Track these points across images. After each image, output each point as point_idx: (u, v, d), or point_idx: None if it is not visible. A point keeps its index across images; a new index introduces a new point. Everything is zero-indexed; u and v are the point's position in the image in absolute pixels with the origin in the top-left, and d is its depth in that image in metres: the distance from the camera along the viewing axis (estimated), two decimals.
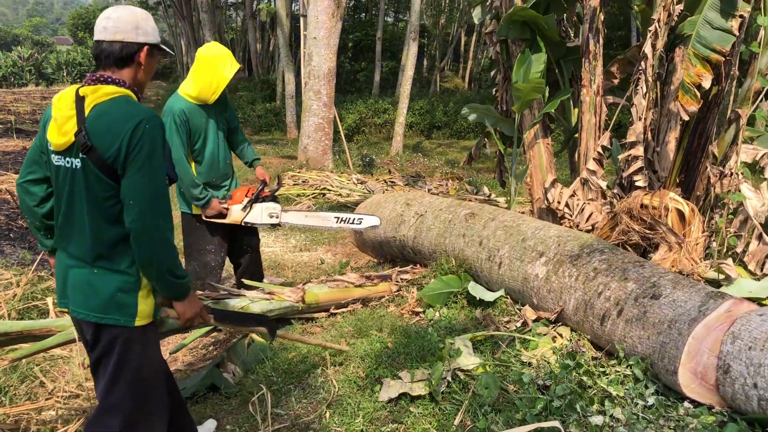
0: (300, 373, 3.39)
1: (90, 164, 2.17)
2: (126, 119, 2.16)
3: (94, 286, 2.26)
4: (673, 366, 2.78)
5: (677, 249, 4.09)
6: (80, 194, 2.24)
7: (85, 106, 2.21)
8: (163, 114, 4.10)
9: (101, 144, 2.15)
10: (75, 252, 2.30)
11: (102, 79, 2.25)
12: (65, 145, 2.22)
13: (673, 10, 4.55)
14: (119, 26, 2.27)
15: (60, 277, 2.37)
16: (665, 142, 4.95)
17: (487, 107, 6.01)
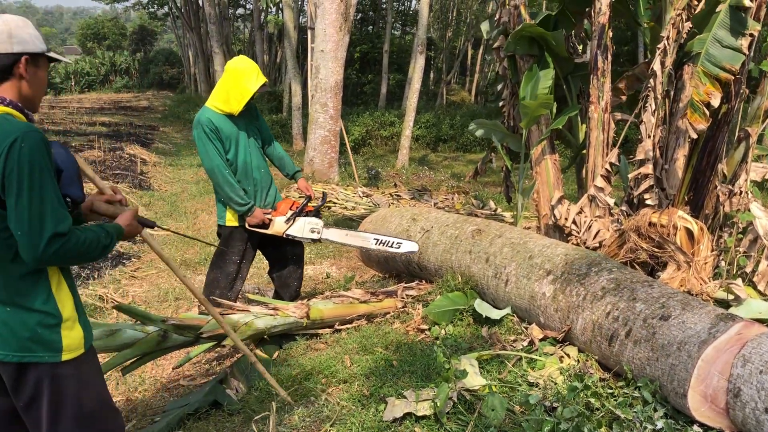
0: (304, 391, 3.36)
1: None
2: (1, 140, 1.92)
3: (7, 324, 2.05)
4: (682, 389, 2.73)
5: (686, 268, 4.05)
6: None
7: None
8: (194, 127, 4.19)
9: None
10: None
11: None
12: None
13: (682, 28, 4.54)
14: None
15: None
16: (674, 160, 4.93)
17: (495, 123, 5.99)
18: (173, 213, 9.54)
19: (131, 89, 45.69)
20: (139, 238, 2.75)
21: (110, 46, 53.86)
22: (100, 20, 57.25)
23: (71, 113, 24.80)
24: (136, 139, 17.79)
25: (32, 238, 1.93)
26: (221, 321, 2.83)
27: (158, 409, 3.64)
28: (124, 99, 36.50)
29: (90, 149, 14.42)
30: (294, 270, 4.70)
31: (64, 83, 47.37)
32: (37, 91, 2.17)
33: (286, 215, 4.33)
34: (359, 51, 30.02)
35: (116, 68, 49.27)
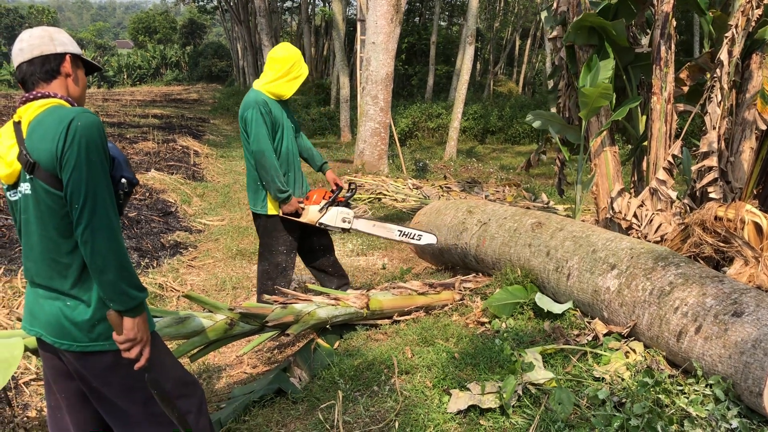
0: (366, 381, 3.39)
1: (39, 183, 2.06)
2: (58, 122, 2.04)
3: (69, 317, 2.14)
4: (758, 388, 2.67)
5: (754, 264, 3.94)
6: (36, 221, 2.12)
7: (22, 129, 2.12)
8: (247, 107, 4.21)
9: (41, 156, 2.04)
10: (40, 281, 2.19)
11: (31, 98, 2.16)
12: (14, 176, 2.14)
13: (752, 15, 4.40)
14: (34, 43, 2.18)
15: (29, 306, 2.26)
16: (740, 152, 4.80)
17: (552, 114, 5.92)
18: (226, 203, 9.71)
19: (181, 82, 46.59)
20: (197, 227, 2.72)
21: (161, 40, 54.96)
22: (151, 14, 58.49)
23: (124, 105, 25.41)
24: (187, 131, 18.14)
25: (87, 206, 2.01)
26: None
27: (223, 395, 3.72)
28: (175, 91, 37.25)
29: (144, 141, 14.77)
30: (327, 259, 4.78)
31: (117, 76, 48.58)
32: (81, 89, 2.31)
33: (319, 204, 4.38)
34: (406, 42, 29.97)
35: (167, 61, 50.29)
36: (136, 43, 57.65)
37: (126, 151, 13.48)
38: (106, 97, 30.49)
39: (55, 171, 2.03)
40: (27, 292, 2.28)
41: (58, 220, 2.08)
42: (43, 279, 2.17)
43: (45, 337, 2.19)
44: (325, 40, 34.08)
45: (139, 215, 8.03)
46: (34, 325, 2.22)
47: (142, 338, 2.15)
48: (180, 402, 2.32)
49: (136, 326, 2.12)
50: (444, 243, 5.20)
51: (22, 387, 3.62)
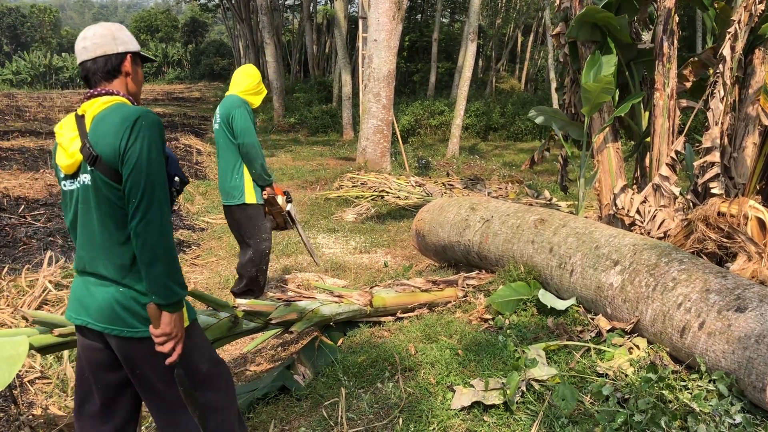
0: (370, 377, 3.40)
1: (99, 175, 2.15)
2: (123, 120, 2.14)
3: (122, 304, 2.21)
4: (761, 383, 2.67)
5: (757, 259, 3.93)
6: (93, 211, 2.21)
7: (85, 123, 2.22)
8: (233, 106, 4.66)
9: (104, 150, 2.14)
10: (94, 270, 2.25)
11: (96, 94, 2.27)
12: (74, 166, 2.22)
13: (755, 11, 4.39)
14: (97, 42, 2.28)
15: (75, 294, 2.33)
16: (742, 148, 4.79)
17: (555, 110, 5.91)
18: None
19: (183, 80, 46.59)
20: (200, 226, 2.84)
21: (163, 38, 54.98)
22: (152, 13, 58.49)
23: None
24: (190, 129, 18.18)
25: (152, 209, 2.12)
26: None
27: None
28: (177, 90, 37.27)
29: None
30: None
31: None
32: (138, 86, 2.41)
33: (283, 196, 5.05)
34: (408, 40, 29.94)
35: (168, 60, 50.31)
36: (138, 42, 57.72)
37: None
38: None
39: (116, 165, 2.13)
40: (75, 282, 2.35)
41: (115, 212, 2.18)
42: (98, 267, 2.24)
43: (93, 324, 2.25)
44: (327, 37, 34.06)
45: None
46: (81, 314, 2.28)
47: (177, 334, 2.21)
48: (214, 380, 2.42)
49: (173, 321, 2.18)
50: (447, 240, 5.21)
51: (27, 385, 3.63)
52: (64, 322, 2.92)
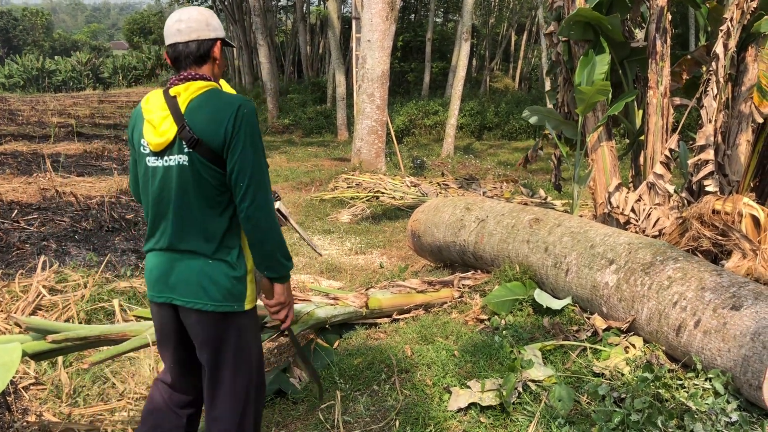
0: (366, 380, 3.39)
1: (198, 157, 2.24)
2: (225, 107, 2.24)
3: (210, 276, 2.31)
4: (757, 381, 2.67)
5: (752, 256, 3.94)
6: (187, 189, 2.28)
7: (179, 104, 2.28)
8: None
9: (206, 135, 2.22)
10: (184, 246, 2.34)
11: (185, 77, 2.32)
12: (164, 145, 2.28)
13: (747, 8, 4.40)
14: (192, 26, 2.34)
15: (158, 270, 2.39)
16: (736, 145, 4.80)
17: (549, 109, 5.92)
18: None
19: None
20: None
21: (156, 41, 54.81)
22: (145, 15, 58.32)
23: (120, 107, 25.39)
24: None
25: (260, 190, 2.26)
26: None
27: None
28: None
29: None
30: None
31: (112, 78, 48.45)
32: (221, 71, 2.50)
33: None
34: (401, 40, 29.94)
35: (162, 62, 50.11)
36: (131, 44, 57.50)
37: (122, 153, 13.48)
38: (102, 99, 30.46)
39: (218, 149, 2.23)
40: (154, 261, 2.41)
41: (210, 191, 2.28)
42: (187, 244, 2.33)
43: (176, 300, 2.35)
44: (321, 38, 34.03)
45: (136, 217, 8.02)
46: (164, 291, 2.37)
47: (289, 301, 2.46)
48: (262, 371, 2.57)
49: (285, 291, 2.42)
50: (443, 240, 5.20)
51: (21, 392, 3.61)
52: (57, 328, 2.91)
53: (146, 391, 3.77)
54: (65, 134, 15.93)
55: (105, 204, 8.18)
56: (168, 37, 2.37)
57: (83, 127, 17.82)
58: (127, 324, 3.24)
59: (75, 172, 10.76)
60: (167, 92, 2.32)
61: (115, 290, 5.20)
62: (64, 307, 4.75)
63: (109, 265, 6.06)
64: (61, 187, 9.14)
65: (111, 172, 10.95)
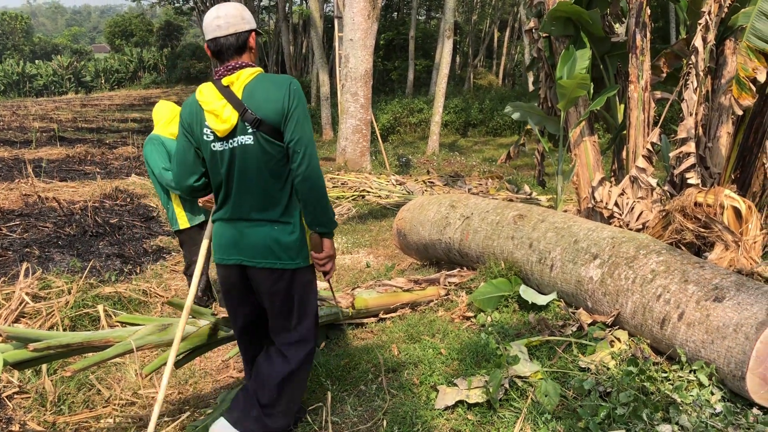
0: (353, 380, 3.38)
1: (262, 135, 2.58)
2: (277, 87, 2.59)
3: (276, 239, 2.69)
4: (740, 371, 2.69)
5: (734, 248, 3.97)
6: (253, 165, 2.62)
7: (234, 92, 2.60)
8: (144, 145, 4.74)
9: (267, 114, 2.56)
10: (252, 216, 2.69)
11: (233, 67, 2.64)
12: (228, 130, 2.60)
13: (724, 2, 4.43)
14: (230, 21, 2.65)
15: (228, 237, 2.75)
16: (717, 138, 4.83)
17: (531, 105, 5.93)
18: None
19: (160, 85, 46.18)
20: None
21: (138, 43, 54.43)
22: (127, 17, 57.82)
23: (103, 111, 25.19)
24: None
25: (311, 154, 2.60)
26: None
27: (210, 400, 3.69)
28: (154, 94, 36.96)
29: (124, 146, 14.65)
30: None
31: (94, 81, 48.05)
32: (256, 58, 2.80)
33: None
34: (383, 39, 29.90)
35: (144, 64, 49.83)
36: (112, 47, 56.98)
37: (106, 157, 13.37)
38: (84, 102, 30.19)
39: (278, 125, 2.58)
40: (222, 229, 2.78)
41: (273, 164, 2.63)
42: (257, 212, 2.70)
43: (247, 261, 2.72)
44: (304, 37, 33.92)
45: (120, 221, 7.96)
46: (233, 254, 2.75)
47: (334, 254, 2.83)
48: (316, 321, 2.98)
49: (331, 245, 2.79)
50: (428, 238, 5.20)
51: (5, 401, 3.57)
52: (39, 336, 2.88)
53: (132, 397, 3.74)
54: (47, 139, 15.77)
55: (88, 209, 8.10)
56: (208, 32, 2.68)
57: (65, 132, 17.66)
58: (111, 330, 3.20)
59: (57, 177, 10.66)
60: (219, 83, 2.63)
61: (100, 296, 5.16)
62: (47, 314, 4.71)
63: (93, 270, 6.01)
64: (44, 192, 9.05)
65: (94, 176, 10.85)
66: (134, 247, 7.06)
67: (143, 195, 9.51)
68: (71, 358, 3.65)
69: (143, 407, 3.60)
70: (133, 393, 3.79)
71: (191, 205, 4.81)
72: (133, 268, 6.44)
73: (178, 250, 7.31)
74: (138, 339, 3.10)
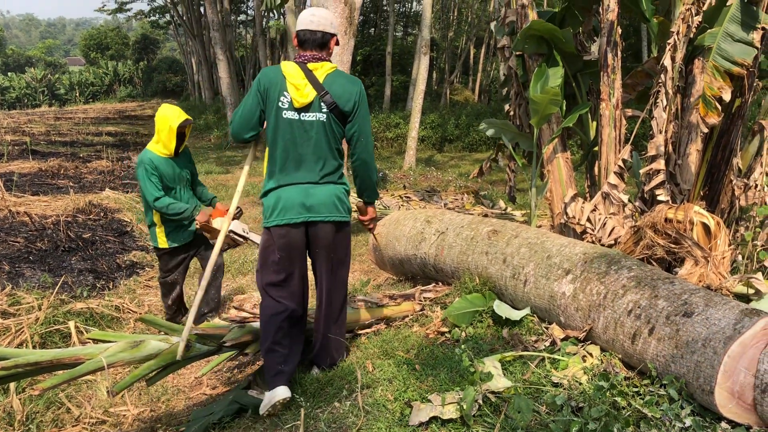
0: (328, 397, 3.37)
1: (333, 116, 3.30)
2: (352, 84, 3.36)
3: (339, 197, 3.41)
4: (709, 386, 2.73)
5: (703, 263, 4.04)
6: (323, 137, 3.30)
7: (317, 77, 3.26)
8: (137, 165, 4.86)
9: (341, 102, 3.29)
10: (319, 177, 3.34)
11: (319, 58, 3.31)
12: (305, 104, 3.25)
13: (692, 23, 4.53)
14: (321, 21, 3.32)
15: (294, 198, 3.31)
16: (686, 155, 4.92)
17: (505, 122, 6.00)
18: None
19: (135, 98, 45.87)
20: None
21: (113, 56, 54.04)
22: (102, 30, 57.38)
23: (77, 124, 24.92)
24: (142, 148, 17.83)
25: (369, 142, 3.45)
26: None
27: (183, 418, 3.66)
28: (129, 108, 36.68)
29: (98, 159, 14.50)
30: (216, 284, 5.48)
31: (69, 94, 47.58)
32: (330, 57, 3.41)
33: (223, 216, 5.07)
34: (360, 54, 30.04)
35: (120, 78, 49.46)
36: (87, 60, 56.48)
37: (79, 171, 13.21)
38: (58, 115, 29.84)
39: (347, 113, 3.33)
40: (288, 193, 3.33)
41: (335, 139, 3.37)
42: (322, 175, 3.36)
43: (315, 216, 3.34)
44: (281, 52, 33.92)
45: (93, 236, 7.87)
46: (301, 213, 3.33)
47: (377, 216, 3.75)
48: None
49: (374, 210, 3.76)
50: (404, 253, 5.22)
51: None
52: (7, 354, 2.84)
53: (103, 416, 3.69)
54: (19, 152, 15.54)
55: (61, 223, 8.00)
56: (301, 24, 3.32)
57: (38, 145, 17.41)
58: (81, 347, 3.16)
59: (30, 191, 10.51)
60: (305, 66, 3.27)
61: (71, 312, 5.09)
62: (17, 330, 4.63)
63: (65, 285, 5.93)
64: (15, 206, 8.91)
65: (67, 190, 10.72)
66: (107, 262, 6.99)
67: (117, 209, 9.42)
68: (40, 375, 3.59)
69: (114, 425, 3.55)
70: (104, 411, 3.74)
71: (175, 234, 4.97)
72: (105, 283, 6.38)
73: (151, 266, 7.24)
74: (109, 356, 3.07)
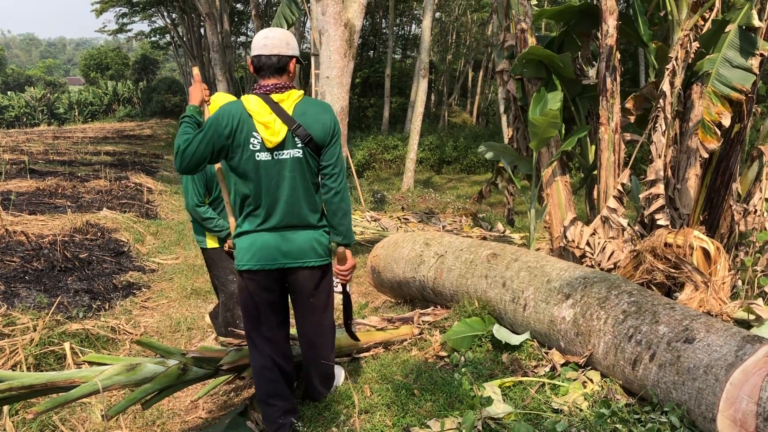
0: (325, 422, 3.33)
1: (308, 150, 2.97)
2: (324, 112, 3.01)
3: (319, 240, 3.10)
4: (711, 413, 2.70)
5: (703, 288, 4.03)
6: (301, 176, 2.98)
7: (285, 108, 2.93)
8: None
9: (316, 133, 2.95)
10: (296, 221, 3.04)
11: (282, 87, 2.96)
12: (278, 142, 2.91)
13: (690, 48, 4.56)
14: (275, 43, 2.96)
15: (270, 243, 3.03)
16: (685, 179, 4.93)
17: (504, 145, 6.01)
18: (180, 241, 9.54)
19: (134, 118, 45.97)
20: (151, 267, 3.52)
21: (113, 76, 54.30)
22: (102, 51, 57.73)
23: (75, 143, 24.93)
24: (141, 167, 17.87)
25: (340, 171, 3.07)
26: None
27: None
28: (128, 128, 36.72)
29: (96, 179, 14.47)
30: None
31: (68, 113, 47.71)
32: (292, 82, 3.07)
33: None
34: (360, 76, 30.23)
35: (119, 98, 49.65)
36: (87, 80, 56.73)
37: (77, 190, 13.20)
38: (57, 134, 29.87)
39: (322, 143, 2.99)
40: (264, 238, 3.03)
41: (312, 176, 3.04)
42: (299, 218, 3.05)
43: (291, 263, 3.05)
44: None
45: (90, 256, 7.83)
46: (277, 259, 3.04)
47: (355, 264, 3.24)
48: None
49: (352, 256, 3.21)
50: (402, 276, 5.19)
51: None
52: (1, 377, 2.80)
53: None
54: (17, 171, 15.51)
55: (57, 243, 7.96)
56: (255, 49, 2.98)
57: (37, 164, 17.38)
58: (77, 370, 3.12)
59: (27, 210, 10.46)
60: (268, 98, 2.93)
61: (67, 333, 5.04)
62: (11, 351, 4.58)
63: (60, 306, 5.88)
64: (12, 226, 8.87)
65: (65, 209, 10.70)
66: (104, 283, 6.94)
67: (114, 229, 9.39)
68: (34, 398, 3.54)
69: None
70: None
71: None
72: (102, 304, 6.32)
73: (148, 286, 7.21)
74: (105, 379, 3.03)
